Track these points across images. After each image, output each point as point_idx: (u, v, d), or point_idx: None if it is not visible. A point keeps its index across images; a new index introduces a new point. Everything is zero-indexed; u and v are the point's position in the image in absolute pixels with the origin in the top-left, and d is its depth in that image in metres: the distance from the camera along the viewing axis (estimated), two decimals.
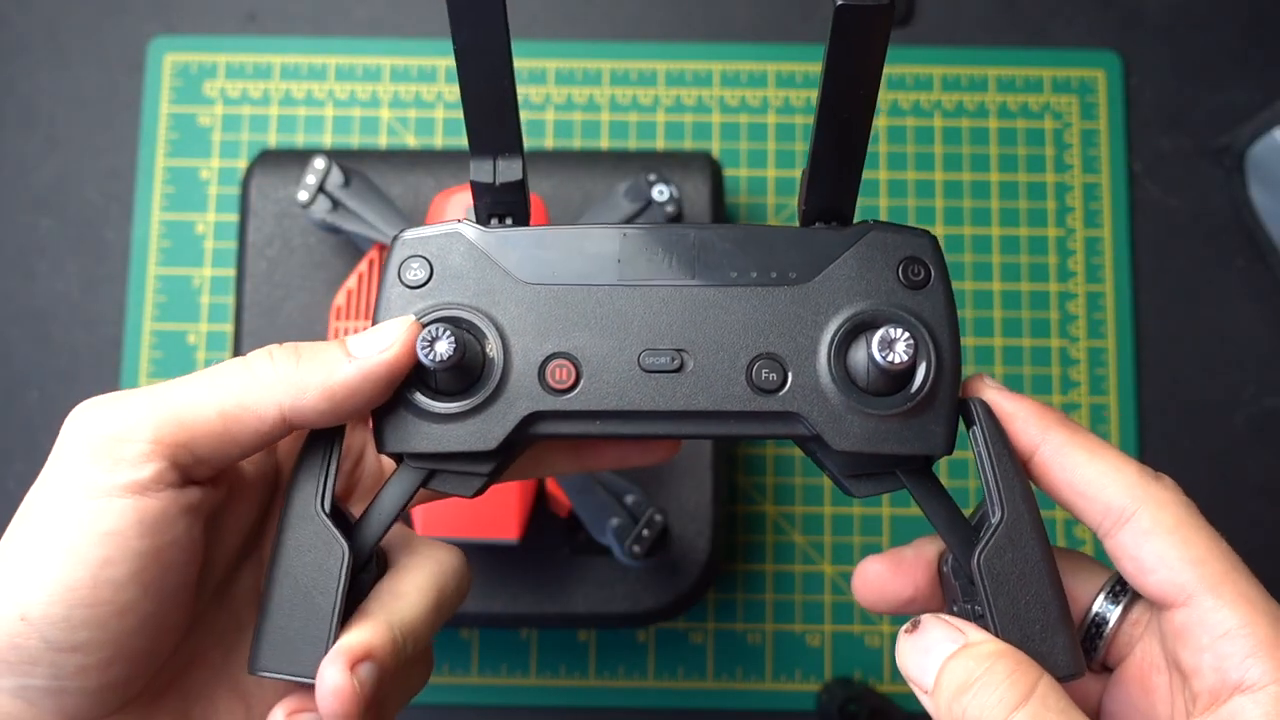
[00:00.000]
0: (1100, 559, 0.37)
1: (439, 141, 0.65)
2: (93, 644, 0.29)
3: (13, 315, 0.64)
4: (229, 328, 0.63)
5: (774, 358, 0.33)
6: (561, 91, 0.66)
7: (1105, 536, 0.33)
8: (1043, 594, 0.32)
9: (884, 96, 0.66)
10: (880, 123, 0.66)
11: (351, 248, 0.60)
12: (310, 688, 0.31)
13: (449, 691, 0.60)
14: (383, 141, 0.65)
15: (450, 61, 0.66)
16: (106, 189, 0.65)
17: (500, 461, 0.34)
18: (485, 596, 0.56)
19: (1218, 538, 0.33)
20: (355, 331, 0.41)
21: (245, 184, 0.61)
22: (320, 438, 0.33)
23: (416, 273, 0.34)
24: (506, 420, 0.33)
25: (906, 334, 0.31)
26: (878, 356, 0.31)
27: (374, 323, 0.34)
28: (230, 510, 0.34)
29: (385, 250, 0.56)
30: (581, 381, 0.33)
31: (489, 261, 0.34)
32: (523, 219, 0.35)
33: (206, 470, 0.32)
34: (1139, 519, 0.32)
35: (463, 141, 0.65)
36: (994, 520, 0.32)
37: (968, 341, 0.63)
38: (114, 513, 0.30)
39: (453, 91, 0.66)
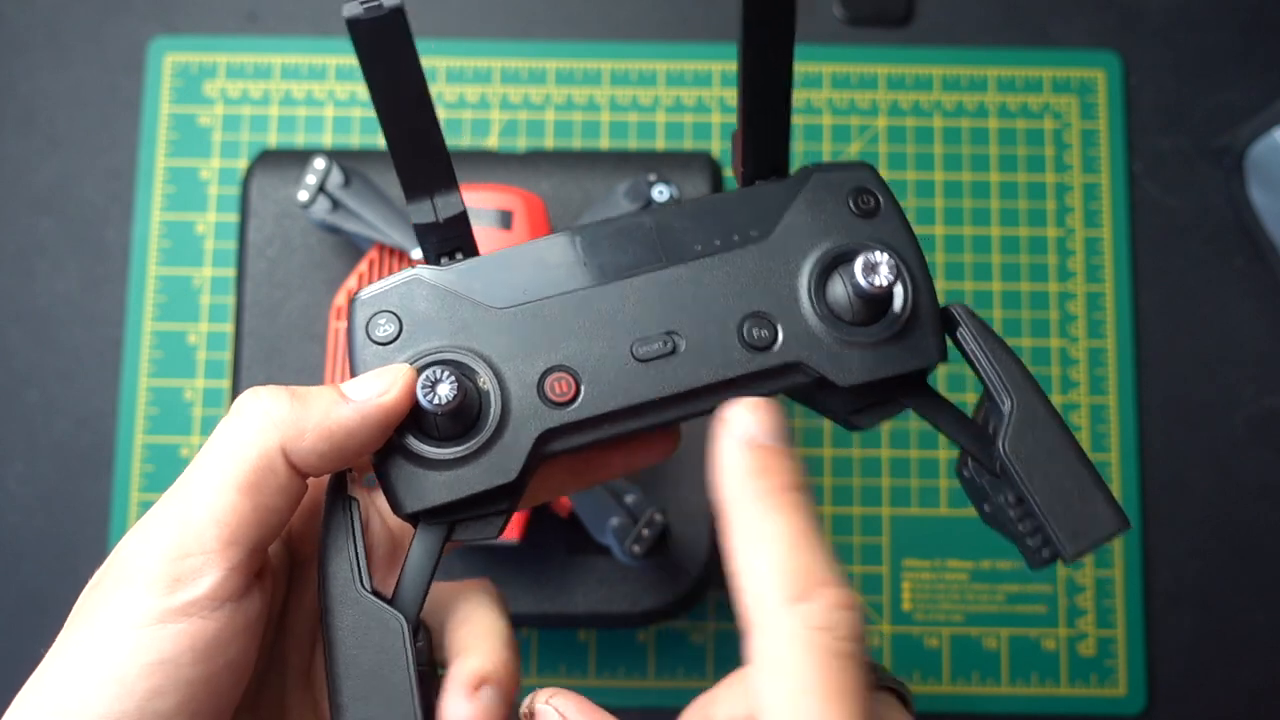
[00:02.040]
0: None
1: None
2: None
3: (13, 315, 0.64)
4: (229, 328, 0.63)
5: (760, 315, 0.33)
6: (561, 91, 0.66)
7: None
8: (1071, 464, 0.32)
9: (884, 96, 0.66)
10: (880, 123, 0.66)
11: (351, 248, 0.60)
12: None
13: None
14: (382, 141, 0.65)
15: (450, 61, 0.66)
16: (106, 189, 0.65)
17: (518, 493, 0.33)
18: None
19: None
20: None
21: (245, 184, 0.61)
22: (338, 511, 0.32)
23: (385, 328, 0.33)
24: (520, 447, 0.32)
25: (886, 255, 0.32)
26: (863, 282, 0.32)
27: None
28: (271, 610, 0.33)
29: (385, 252, 0.56)
30: (583, 389, 0.33)
31: (456, 297, 0.33)
32: (472, 250, 0.35)
33: (254, 560, 0.30)
34: (755, 640, 0.29)
35: (462, 142, 0.65)
36: (1005, 408, 0.32)
37: None
38: (167, 639, 0.28)
39: (453, 91, 0.66)
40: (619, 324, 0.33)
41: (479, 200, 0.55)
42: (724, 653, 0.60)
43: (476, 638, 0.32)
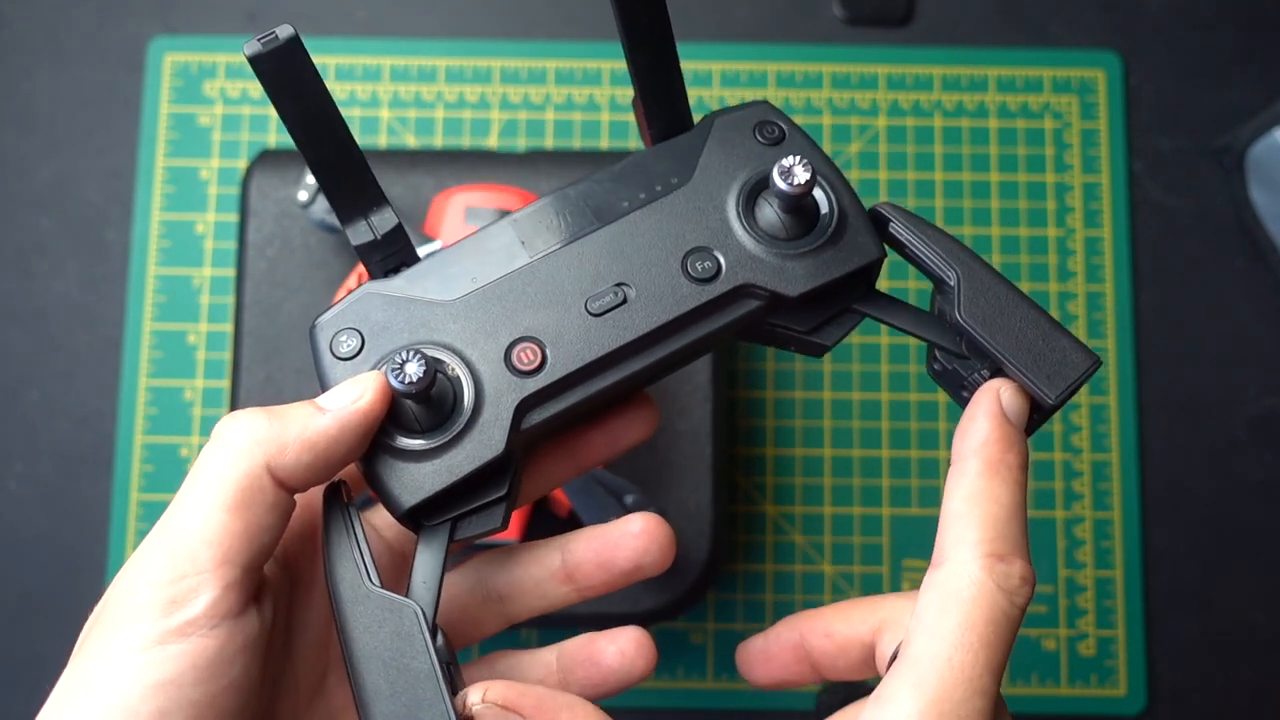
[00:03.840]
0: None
1: (439, 141, 0.65)
2: None
3: (13, 315, 0.64)
4: (229, 328, 0.63)
5: (700, 249, 0.35)
6: (561, 91, 0.66)
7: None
8: (1029, 315, 0.33)
9: (884, 96, 0.66)
10: (880, 123, 0.66)
11: (351, 248, 0.60)
12: None
13: None
14: (383, 141, 0.65)
15: (450, 61, 0.66)
16: (106, 189, 0.65)
17: (512, 476, 0.34)
18: None
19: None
20: None
21: (245, 184, 0.61)
22: (336, 518, 0.33)
23: (348, 344, 0.34)
24: (500, 420, 0.33)
25: (797, 157, 0.33)
26: (783, 186, 0.33)
27: None
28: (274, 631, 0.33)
29: None
30: (548, 354, 0.34)
31: (409, 301, 0.35)
32: (414, 260, 0.36)
33: (249, 579, 0.30)
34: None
35: (463, 142, 0.65)
36: (952, 281, 0.34)
37: None
38: (168, 660, 0.28)
39: (453, 91, 0.66)
40: (569, 288, 0.34)
41: (479, 200, 0.55)
42: (724, 653, 0.60)
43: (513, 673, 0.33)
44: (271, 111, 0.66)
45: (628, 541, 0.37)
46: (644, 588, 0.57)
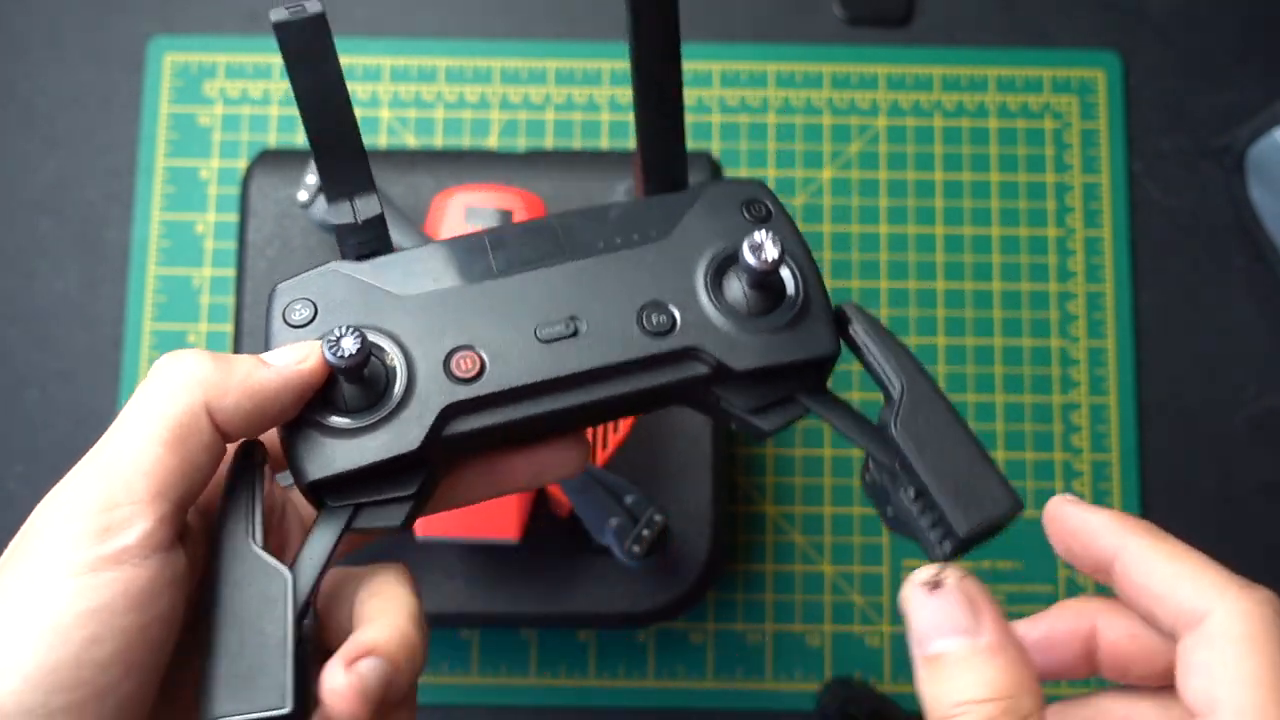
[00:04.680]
0: None
1: (439, 141, 0.65)
2: None
3: (13, 315, 0.64)
4: (229, 328, 0.63)
5: (658, 304, 0.35)
6: (561, 91, 0.66)
7: (1177, 640, 0.31)
8: (962, 443, 0.33)
9: (884, 96, 0.66)
10: (880, 123, 0.66)
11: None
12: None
13: (449, 691, 0.60)
14: (383, 141, 0.65)
15: (450, 61, 0.66)
16: (106, 189, 0.65)
17: (425, 478, 0.33)
18: (485, 596, 0.56)
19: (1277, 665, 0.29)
20: None
21: (245, 184, 0.61)
22: (242, 476, 0.33)
23: (301, 312, 0.34)
24: (424, 418, 0.33)
25: (770, 234, 0.33)
26: (751, 260, 0.33)
27: None
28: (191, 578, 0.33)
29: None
30: (487, 366, 0.34)
31: (369, 287, 0.35)
32: (389, 251, 0.36)
33: (179, 516, 0.30)
34: (1209, 623, 0.29)
35: (463, 142, 0.65)
36: (895, 392, 0.34)
37: (967, 341, 0.63)
38: (101, 586, 0.28)
39: (453, 91, 0.66)
40: (524, 309, 0.35)
41: (479, 200, 0.54)
42: (724, 653, 0.60)
43: (377, 611, 0.32)
44: (271, 111, 0.66)
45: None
46: (644, 587, 0.57)
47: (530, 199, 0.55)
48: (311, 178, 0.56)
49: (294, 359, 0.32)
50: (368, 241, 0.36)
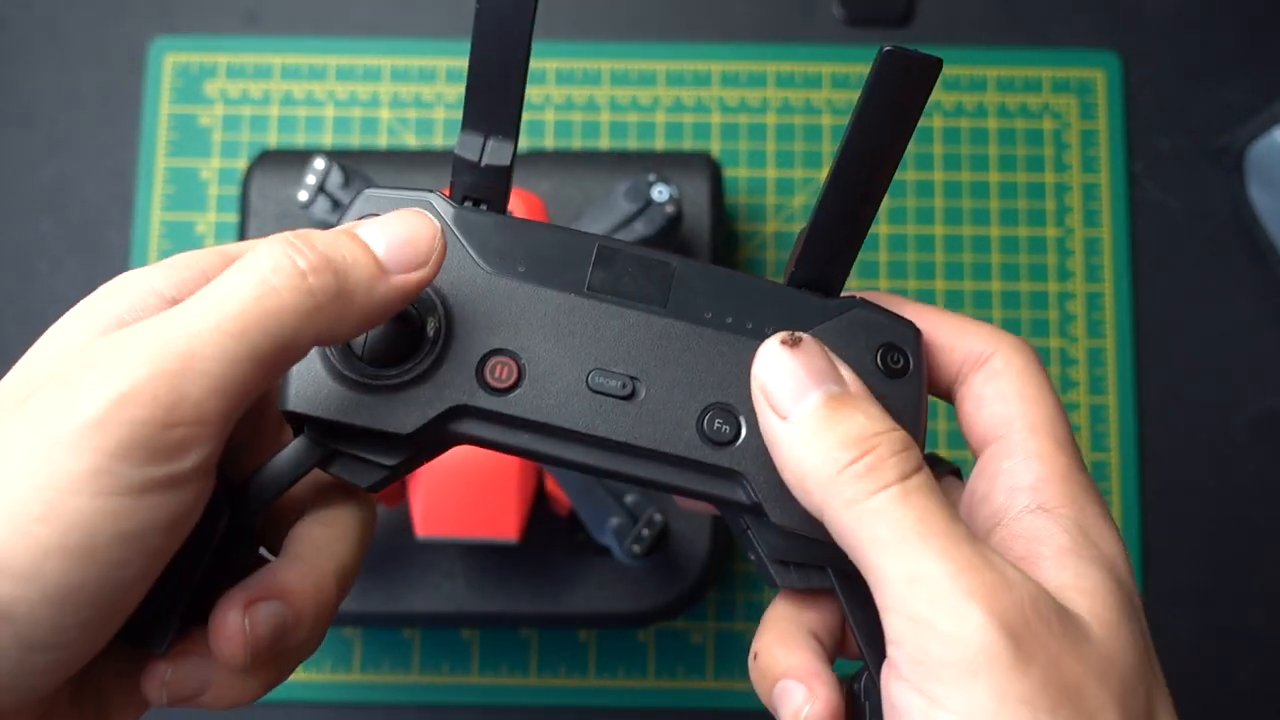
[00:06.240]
0: None
1: (439, 141, 0.65)
2: (69, 644, 0.25)
3: (13, 315, 0.64)
4: None
5: (730, 410, 0.31)
6: (561, 91, 0.66)
7: (961, 383, 0.33)
8: None
9: None
10: None
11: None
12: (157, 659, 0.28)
13: (449, 691, 0.60)
14: (383, 141, 0.66)
15: (450, 61, 0.66)
16: (106, 189, 0.65)
17: (410, 456, 0.31)
18: (485, 596, 0.56)
19: (1052, 389, 0.33)
20: None
21: (245, 184, 0.61)
22: None
23: None
24: (430, 407, 0.30)
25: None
26: None
27: None
28: None
29: None
30: (522, 385, 0.31)
31: (454, 239, 0.31)
32: (500, 209, 0.33)
33: (230, 430, 0.27)
34: (994, 360, 0.33)
35: None
36: (873, 667, 0.31)
37: None
38: (144, 510, 0.25)
39: (454, 91, 0.66)
40: (589, 343, 0.31)
41: None
42: (724, 652, 0.60)
43: (308, 548, 0.30)
44: (271, 111, 0.66)
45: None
46: (644, 587, 0.57)
47: (530, 199, 0.56)
48: (311, 178, 0.56)
49: (414, 262, 0.28)
50: (481, 188, 0.32)
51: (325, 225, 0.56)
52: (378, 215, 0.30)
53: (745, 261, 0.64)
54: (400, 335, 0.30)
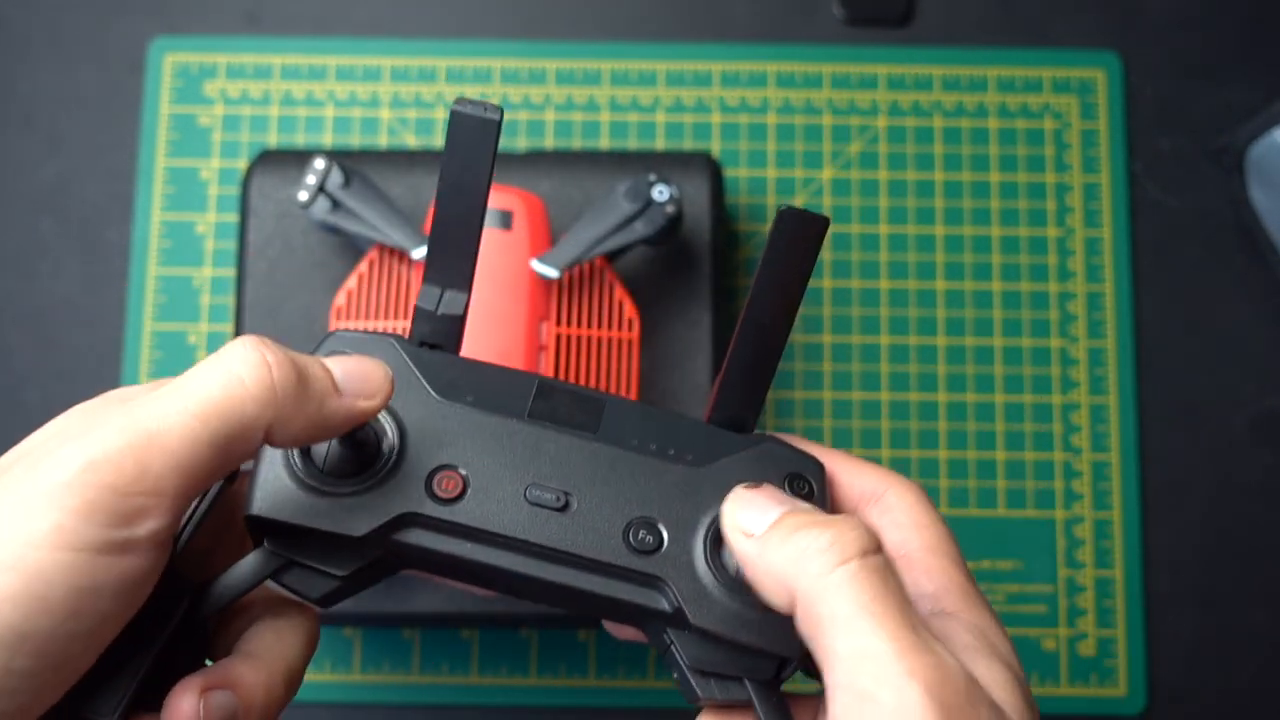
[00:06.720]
0: None
1: (439, 141, 0.65)
2: (14, 692, 0.27)
3: (13, 315, 0.64)
4: (229, 328, 0.63)
5: (653, 524, 0.34)
6: (561, 91, 0.66)
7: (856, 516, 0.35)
8: None
9: (884, 96, 0.66)
10: (880, 123, 0.66)
11: (351, 248, 0.60)
12: None
13: (450, 691, 0.60)
14: (383, 141, 0.66)
15: (450, 61, 0.66)
16: (106, 189, 0.65)
17: (361, 568, 0.33)
18: (485, 597, 0.56)
19: (941, 518, 0.37)
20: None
21: (245, 184, 0.61)
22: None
23: None
24: (382, 512, 0.33)
25: None
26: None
27: None
28: None
29: (385, 252, 0.56)
30: (466, 496, 0.34)
31: (410, 371, 0.35)
32: (454, 350, 0.37)
33: (186, 508, 0.30)
34: (887, 497, 0.37)
35: None
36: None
37: (967, 341, 0.63)
38: (100, 570, 0.27)
39: (454, 91, 0.66)
40: (528, 462, 0.34)
41: None
42: None
43: (263, 648, 0.32)
44: (271, 111, 0.66)
45: None
46: None
47: (530, 199, 0.56)
48: (311, 178, 0.56)
49: (368, 391, 0.32)
50: (437, 334, 0.36)
51: (325, 225, 0.57)
52: (345, 352, 0.34)
53: (745, 261, 0.64)
54: (358, 451, 0.33)
